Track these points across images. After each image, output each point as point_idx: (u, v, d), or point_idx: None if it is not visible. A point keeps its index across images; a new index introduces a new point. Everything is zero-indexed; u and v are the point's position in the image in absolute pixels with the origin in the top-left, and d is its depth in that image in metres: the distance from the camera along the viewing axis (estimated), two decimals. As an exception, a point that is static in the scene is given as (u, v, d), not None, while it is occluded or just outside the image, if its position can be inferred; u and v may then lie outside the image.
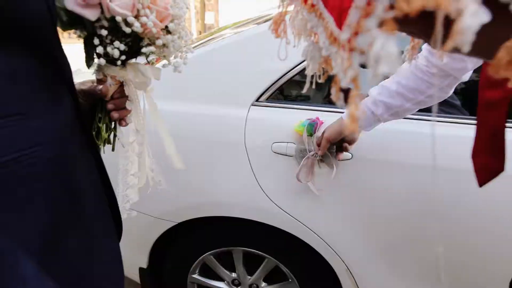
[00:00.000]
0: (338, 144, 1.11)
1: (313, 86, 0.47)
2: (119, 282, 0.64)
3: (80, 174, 0.53)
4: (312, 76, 0.45)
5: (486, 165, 0.78)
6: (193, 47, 1.44)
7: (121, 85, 0.65)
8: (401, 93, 0.96)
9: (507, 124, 0.73)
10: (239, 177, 1.25)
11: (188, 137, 1.27)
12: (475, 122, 1.07)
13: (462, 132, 1.07)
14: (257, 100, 1.26)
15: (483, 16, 0.23)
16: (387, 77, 0.99)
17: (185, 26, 0.61)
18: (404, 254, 1.22)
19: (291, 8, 0.52)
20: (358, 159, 1.15)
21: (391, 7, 0.26)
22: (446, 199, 1.11)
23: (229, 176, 1.26)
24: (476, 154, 0.79)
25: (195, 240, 1.42)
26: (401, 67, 0.97)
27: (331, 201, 1.20)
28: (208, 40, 1.51)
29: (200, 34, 13.21)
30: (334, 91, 0.31)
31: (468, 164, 1.06)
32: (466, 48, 0.23)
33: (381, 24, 0.26)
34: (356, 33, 0.28)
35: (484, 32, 0.25)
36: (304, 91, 0.49)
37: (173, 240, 1.44)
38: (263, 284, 1.44)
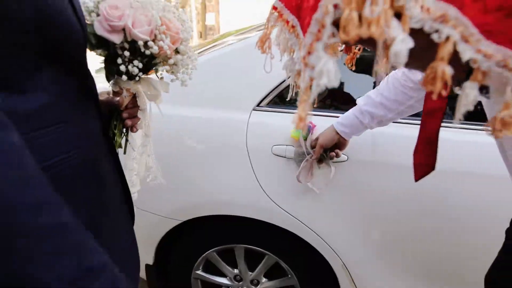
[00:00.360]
0: (331, 149, 1.19)
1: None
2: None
3: (106, 174, 0.60)
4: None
5: (423, 163, 0.87)
6: (198, 53, 1.52)
7: (134, 96, 0.73)
8: (384, 104, 1.04)
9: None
10: (241, 178, 1.32)
11: (193, 140, 1.34)
12: (461, 126, 1.15)
13: (453, 136, 1.15)
14: (258, 105, 1.33)
15: (410, 42, 0.31)
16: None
17: (191, 47, 0.69)
18: (398, 251, 1.29)
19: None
20: (353, 161, 1.23)
21: (334, 35, 0.33)
22: (440, 199, 1.18)
23: (232, 176, 1.33)
24: (416, 153, 0.88)
25: (199, 238, 1.49)
26: (384, 80, 1.05)
27: (328, 200, 1.27)
28: (212, 46, 1.58)
29: (201, 35, 13.27)
30: (298, 99, 0.38)
31: (458, 166, 1.14)
32: (401, 66, 0.31)
33: (326, 47, 0.34)
34: (309, 53, 0.36)
35: (414, 54, 0.32)
36: (288, 98, 0.57)
37: (178, 238, 1.50)
38: (264, 279, 1.50)
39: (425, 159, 0.86)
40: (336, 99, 1.44)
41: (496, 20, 0.35)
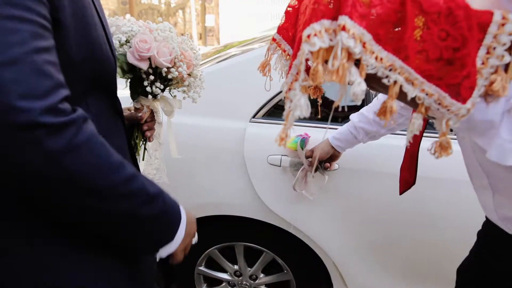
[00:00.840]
0: (326, 161, 1.29)
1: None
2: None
3: None
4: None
5: (405, 178, 0.99)
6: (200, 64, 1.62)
7: (151, 112, 0.85)
8: (377, 121, 1.14)
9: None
10: (241, 182, 1.43)
11: (198, 148, 1.45)
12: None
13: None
14: (253, 117, 1.43)
15: (364, 85, 0.42)
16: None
17: (202, 74, 0.82)
18: (383, 251, 1.40)
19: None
20: (344, 169, 1.34)
21: (306, 79, 0.45)
22: (423, 203, 1.29)
23: (233, 180, 1.44)
24: (402, 169, 1.00)
25: (201, 236, 1.59)
26: (377, 98, 1.15)
27: (320, 205, 1.38)
28: (215, 58, 1.70)
29: (200, 37, 13.36)
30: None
31: (441, 173, 1.24)
32: (359, 102, 0.43)
33: (302, 87, 0.46)
34: (289, 89, 0.48)
35: (381, 86, 0.44)
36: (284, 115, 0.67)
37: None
38: (261, 275, 1.62)
39: (408, 175, 0.98)
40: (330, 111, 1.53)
41: (436, 68, 0.47)
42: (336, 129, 1.27)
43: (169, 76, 0.75)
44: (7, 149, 0.43)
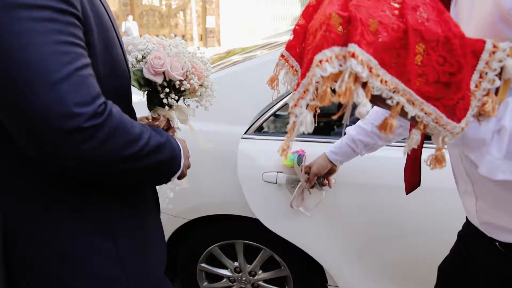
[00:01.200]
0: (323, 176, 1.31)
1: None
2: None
3: None
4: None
5: (410, 179, 1.04)
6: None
7: (167, 120, 0.91)
8: (375, 133, 1.15)
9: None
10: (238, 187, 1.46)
11: (201, 153, 1.49)
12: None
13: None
14: (245, 133, 1.47)
15: (369, 106, 0.47)
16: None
17: (213, 83, 0.88)
18: (371, 259, 1.45)
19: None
20: (340, 182, 1.37)
21: (314, 99, 0.49)
22: (407, 211, 1.33)
23: (233, 181, 1.47)
24: (406, 170, 1.05)
25: (203, 234, 1.65)
26: (373, 110, 1.16)
27: (316, 220, 1.43)
28: (219, 64, 1.75)
29: (201, 38, 13.37)
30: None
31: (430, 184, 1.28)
32: (364, 118, 0.47)
33: (307, 105, 0.50)
34: (295, 105, 0.52)
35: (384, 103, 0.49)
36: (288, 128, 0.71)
37: (184, 235, 1.66)
38: (260, 271, 1.67)
39: (412, 176, 1.03)
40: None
41: (434, 90, 0.52)
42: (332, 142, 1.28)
43: (182, 88, 0.81)
44: (68, 147, 0.54)
